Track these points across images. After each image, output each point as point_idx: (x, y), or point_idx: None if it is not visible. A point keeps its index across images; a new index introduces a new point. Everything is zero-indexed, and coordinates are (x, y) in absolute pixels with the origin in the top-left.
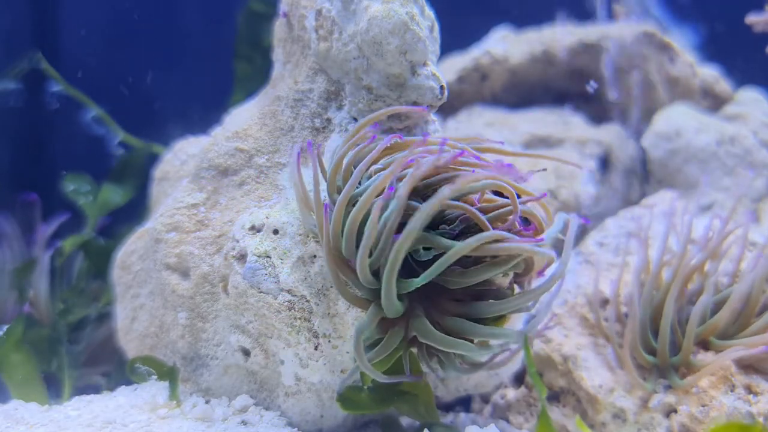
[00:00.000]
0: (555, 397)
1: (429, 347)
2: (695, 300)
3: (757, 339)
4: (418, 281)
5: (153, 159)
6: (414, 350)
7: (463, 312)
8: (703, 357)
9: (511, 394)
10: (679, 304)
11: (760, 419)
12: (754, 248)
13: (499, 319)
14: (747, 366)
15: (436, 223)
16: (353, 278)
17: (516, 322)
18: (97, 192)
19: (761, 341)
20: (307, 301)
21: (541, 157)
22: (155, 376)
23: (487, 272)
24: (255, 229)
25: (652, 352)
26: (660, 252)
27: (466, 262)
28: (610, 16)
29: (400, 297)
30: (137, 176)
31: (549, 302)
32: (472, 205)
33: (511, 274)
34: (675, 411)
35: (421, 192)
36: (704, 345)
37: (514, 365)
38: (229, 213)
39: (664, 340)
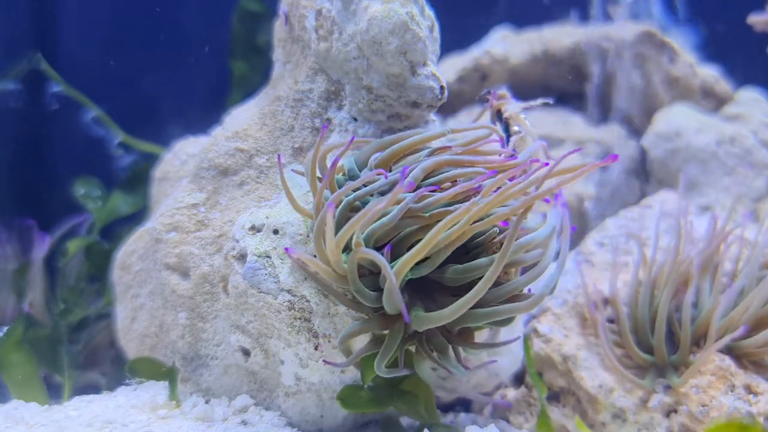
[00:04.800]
0: (555, 397)
1: (428, 343)
2: (695, 300)
3: (738, 310)
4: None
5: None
6: (412, 348)
7: None
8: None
9: (511, 394)
10: (676, 303)
11: (760, 419)
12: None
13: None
14: (747, 364)
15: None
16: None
17: (516, 324)
18: (107, 198)
19: (742, 314)
20: (307, 301)
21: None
22: (154, 377)
23: (484, 269)
24: (255, 229)
25: (652, 351)
26: (659, 252)
27: (464, 259)
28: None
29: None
30: (146, 189)
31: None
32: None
33: (517, 270)
34: (675, 411)
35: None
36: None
37: (514, 365)
38: (229, 213)
39: (660, 339)
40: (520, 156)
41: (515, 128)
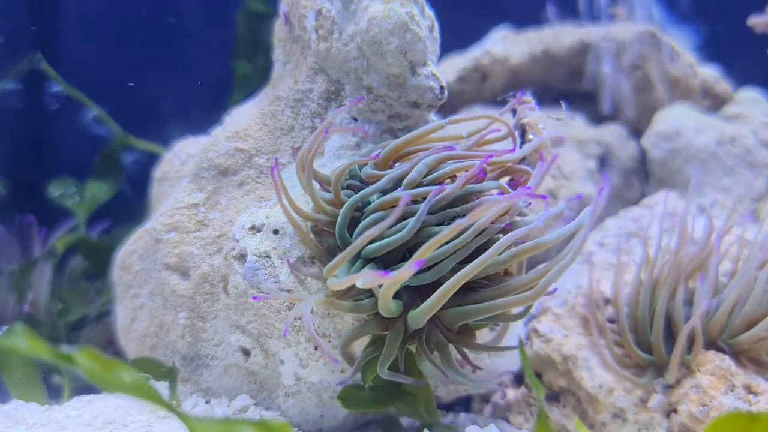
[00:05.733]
0: (555, 397)
1: (428, 342)
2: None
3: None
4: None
5: (130, 150)
6: (413, 347)
7: (462, 303)
8: (703, 355)
9: (511, 394)
10: (675, 303)
11: None
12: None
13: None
14: (747, 363)
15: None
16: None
17: (515, 328)
18: (83, 191)
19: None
20: None
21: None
22: (154, 377)
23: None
24: (255, 229)
25: (652, 350)
26: (658, 252)
27: (464, 259)
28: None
29: (396, 294)
30: (118, 168)
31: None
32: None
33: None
34: (675, 411)
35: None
36: (708, 344)
37: (515, 366)
38: (229, 213)
39: (658, 338)
40: (524, 148)
41: (530, 136)
